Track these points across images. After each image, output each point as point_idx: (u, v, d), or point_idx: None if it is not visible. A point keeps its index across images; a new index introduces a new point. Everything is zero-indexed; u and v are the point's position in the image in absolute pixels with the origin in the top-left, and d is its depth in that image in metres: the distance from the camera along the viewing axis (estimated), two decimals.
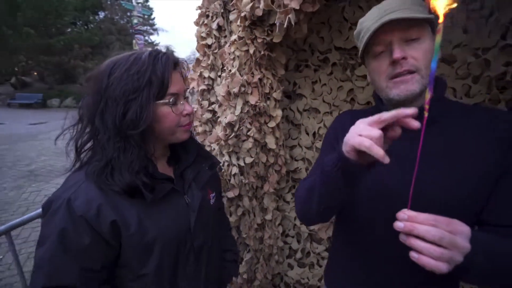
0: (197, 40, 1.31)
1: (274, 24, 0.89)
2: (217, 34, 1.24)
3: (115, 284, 0.62)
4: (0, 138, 7.11)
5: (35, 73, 18.46)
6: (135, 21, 15.61)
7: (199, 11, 1.31)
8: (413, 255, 0.43)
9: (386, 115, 0.43)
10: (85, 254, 0.54)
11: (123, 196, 0.56)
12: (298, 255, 1.27)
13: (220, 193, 0.94)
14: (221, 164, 1.08)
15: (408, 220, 0.43)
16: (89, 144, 0.60)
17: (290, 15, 0.77)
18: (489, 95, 0.96)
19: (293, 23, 0.79)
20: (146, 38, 20.08)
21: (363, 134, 0.45)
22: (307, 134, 1.21)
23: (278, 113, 1.08)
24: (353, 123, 0.73)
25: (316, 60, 1.13)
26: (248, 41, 0.98)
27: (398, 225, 0.44)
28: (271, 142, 1.11)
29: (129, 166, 0.55)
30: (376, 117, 0.44)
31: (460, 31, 0.97)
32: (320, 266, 1.26)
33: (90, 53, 16.91)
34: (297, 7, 0.76)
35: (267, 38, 0.95)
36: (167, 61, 0.58)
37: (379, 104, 0.67)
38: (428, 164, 0.58)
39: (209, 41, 1.26)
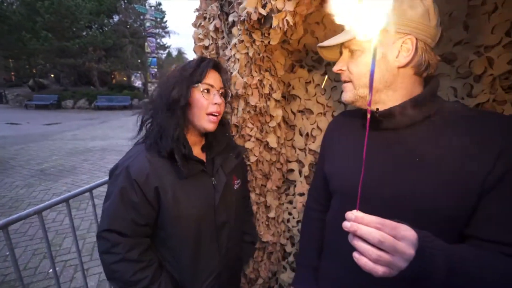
0: (195, 42, 1.33)
1: (271, 27, 0.89)
2: (214, 36, 1.26)
3: (155, 243, 0.82)
4: (15, 138, 7.40)
5: (52, 75, 19.12)
6: (148, 24, 16.01)
7: (196, 13, 1.33)
8: (355, 255, 0.43)
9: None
10: (135, 209, 0.73)
11: (166, 167, 0.76)
12: (291, 258, 1.26)
13: (246, 181, 1.09)
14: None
15: (355, 220, 0.43)
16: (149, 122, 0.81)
17: (287, 18, 0.79)
18: (494, 95, 0.92)
19: (291, 23, 0.80)
20: (158, 40, 20.49)
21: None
22: (301, 135, 1.20)
23: (279, 113, 1.10)
24: (344, 126, 0.74)
25: (310, 61, 1.13)
26: (248, 44, 0.99)
27: (345, 224, 0.44)
28: (272, 141, 1.12)
29: (172, 132, 0.73)
30: None
31: (461, 28, 0.94)
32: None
33: (104, 55, 17.39)
34: (292, 9, 0.77)
35: (265, 41, 0.95)
36: (209, 62, 0.79)
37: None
38: (409, 167, 0.56)
39: (206, 42, 1.27)
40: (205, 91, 0.77)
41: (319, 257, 0.84)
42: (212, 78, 0.79)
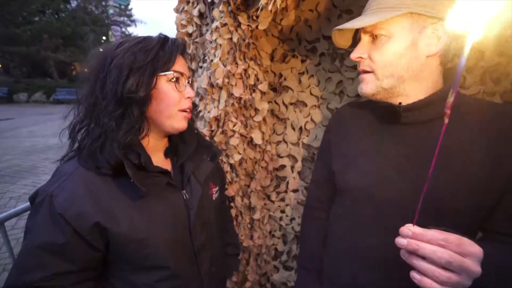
0: (177, 28, 1.20)
1: (259, 9, 0.81)
2: (198, 22, 1.14)
3: (108, 278, 0.60)
4: None
5: None
6: (111, 11, 14.84)
7: None
8: (415, 276, 0.38)
9: None
10: (60, 255, 0.51)
11: (113, 188, 0.54)
12: (284, 257, 1.22)
13: (224, 186, 0.90)
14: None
15: (413, 237, 0.37)
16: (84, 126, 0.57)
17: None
18: (484, 87, 0.94)
19: (278, 6, 0.72)
20: (123, 29, 19.16)
21: None
22: (293, 129, 1.15)
23: (264, 106, 1.01)
24: (353, 120, 0.69)
25: (303, 50, 1.07)
26: (232, 28, 0.90)
27: (401, 242, 0.38)
28: (257, 137, 1.04)
29: (122, 138, 0.52)
30: None
31: None
32: None
33: (62, 44, 15.89)
34: None
35: (252, 25, 0.86)
36: (176, 42, 0.59)
37: None
38: (418, 160, 0.53)
39: (190, 29, 1.15)
40: (175, 79, 0.58)
41: (322, 258, 0.81)
42: (181, 64, 0.60)
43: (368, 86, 0.57)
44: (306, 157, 1.14)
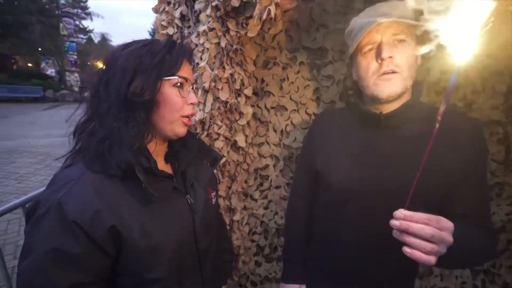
0: (157, 29, 1.20)
1: (249, 17, 0.86)
2: (179, 24, 1.15)
3: None
4: None
5: None
6: (63, 1, 13.57)
7: None
8: (406, 250, 0.46)
9: None
10: (75, 266, 0.49)
11: (122, 192, 0.53)
12: (266, 251, 1.28)
13: (217, 191, 0.90)
14: None
15: (404, 219, 0.46)
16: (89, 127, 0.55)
17: (270, 7, 0.75)
18: (428, 97, 1.11)
19: (272, 15, 0.78)
20: (77, 22, 17.58)
21: None
22: (275, 131, 1.22)
23: (249, 110, 1.06)
24: (334, 124, 0.77)
25: (284, 58, 1.15)
26: (220, 33, 0.93)
27: (394, 223, 0.47)
28: (241, 140, 1.09)
29: (132, 142, 0.51)
30: None
31: None
32: None
33: (1, 34, 14.03)
34: (278, 2, 0.75)
35: (241, 31, 0.91)
36: (183, 48, 0.59)
37: (358, 102, 0.71)
38: (395, 160, 0.64)
39: (171, 30, 1.16)
40: (180, 85, 0.58)
41: (305, 252, 0.88)
42: (186, 70, 0.59)
43: (397, 86, 0.61)
44: (286, 156, 1.22)
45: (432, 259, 0.45)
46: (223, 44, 0.94)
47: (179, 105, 0.58)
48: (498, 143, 1.08)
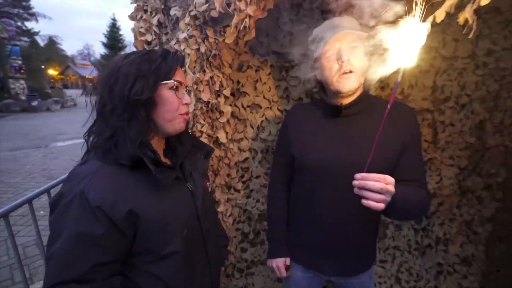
0: (135, 36, 1.26)
1: (227, 26, 0.98)
2: (157, 31, 1.23)
3: (128, 273, 0.63)
4: None
5: None
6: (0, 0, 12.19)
7: (135, 4, 1.26)
8: (364, 201, 0.63)
9: None
10: (99, 246, 0.55)
11: (134, 180, 0.61)
12: (251, 236, 1.41)
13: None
14: None
15: (362, 179, 0.63)
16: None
17: (246, 19, 0.88)
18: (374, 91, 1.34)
19: (247, 25, 0.91)
20: (19, 24, 15.87)
21: None
22: (252, 127, 1.36)
23: (228, 109, 1.18)
24: (305, 116, 0.93)
25: (256, 62, 1.29)
26: (199, 40, 1.04)
27: (355, 182, 0.64)
28: (222, 136, 1.20)
29: (132, 138, 0.59)
30: None
31: None
32: None
33: None
34: (252, 14, 0.89)
35: (219, 38, 1.03)
36: (176, 56, 0.68)
37: (323, 97, 0.88)
38: (359, 144, 0.81)
39: (149, 37, 1.23)
40: (175, 88, 0.66)
41: (287, 229, 1.02)
42: (180, 75, 0.69)
43: (355, 83, 0.78)
44: (263, 149, 1.37)
45: (381, 206, 0.63)
46: (203, 50, 1.05)
47: (176, 105, 0.67)
48: (428, 126, 1.36)
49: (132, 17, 1.29)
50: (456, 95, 1.43)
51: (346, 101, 0.84)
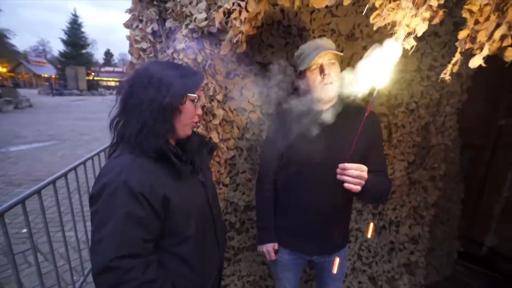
0: (131, 43, 1.36)
1: (222, 40, 1.14)
2: (152, 39, 1.35)
3: (159, 255, 0.74)
4: None
5: None
6: None
7: (129, 14, 1.36)
8: (345, 185, 0.83)
9: None
10: (143, 226, 0.66)
11: (162, 170, 0.71)
12: (237, 225, 1.57)
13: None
14: None
15: (344, 168, 0.83)
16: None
17: (239, 35, 1.05)
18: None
19: (240, 40, 1.08)
20: None
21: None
22: (238, 128, 1.52)
23: (220, 112, 1.34)
24: (291, 118, 1.10)
25: (243, 71, 1.46)
26: (196, 51, 1.18)
27: (339, 171, 0.83)
28: (215, 136, 1.35)
29: (160, 134, 0.70)
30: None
31: None
32: (253, 228, 1.62)
33: None
34: (245, 31, 1.05)
35: (214, 50, 1.18)
36: (200, 75, 0.83)
37: (306, 103, 1.07)
38: (337, 141, 1.02)
39: (144, 45, 1.34)
40: (195, 101, 0.80)
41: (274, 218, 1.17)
42: (200, 91, 0.83)
43: (335, 92, 0.98)
44: (248, 147, 1.54)
45: (358, 188, 0.83)
46: (199, 59, 1.19)
47: (192, 114, 0.81)
48: (384, 128, 1.64)
49: (126, 25, 1.39)
50: (406, 102, 1.74)
51: (325, 106, 1.04)
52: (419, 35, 0.68)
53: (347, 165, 0.83)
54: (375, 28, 0.78)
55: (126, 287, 0.62)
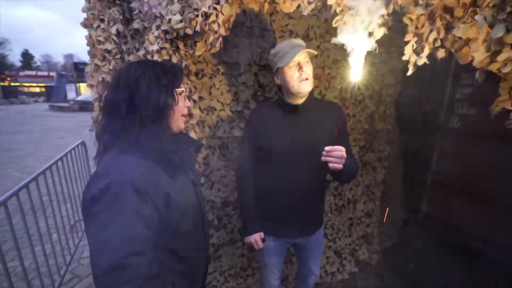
0: (93, 44, 1.29)
1: (196, 41, 1.17)
2: (117, 40, 1.30)
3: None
4: None
5: None
6: None
7: (87, 12, 1.28)
8: (330, 165, 0.93)
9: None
10: (148, 224, 0.67)
11: (159, 168, 0.72)
12: (215, 222, 1.61)
13: None
14: None
15: (329, 150, 0.93)
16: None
17: (219, 38, 1.10)
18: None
19: (220, 42, 1.13)
20: None
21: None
22: (209, 127, 1.56)
23: (197, 111, 1.36)
24: (268, 114, 1.18)
25: (210, 70, 1.51)
26: (170, 52, 1.19)
27: (324, 153, 0.94)
28: (193, 136, 1.37)
29: (157, 135, 0.72)
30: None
31: None
32: (230, 223, 1.68)
33: None
34: (224, 34, 1.11)
35: (189, 51, 1.21)
36: (181, 67, 0.86)
37: (282, 97, 1.17)
38: (307, 131, 1.14)
39: (109, 46, 1.29)
40: (182, 94, 0.80)
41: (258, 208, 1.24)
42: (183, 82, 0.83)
43: (310, 87, 1.09)
44: (220, 145, 1.59)
45: (340, 166, 0.94)
46: (174, 60, 1.20)
47: (182, 107, 0.82)
48: None
49: (85, 24, 1.31)
50: (354, 94, 1.99)
51: (301, 101, 1.15)
52: (377, 38, 0.84)
53: (332, 147, 0.94)
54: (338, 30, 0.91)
55: (133, 284, 0.62)
